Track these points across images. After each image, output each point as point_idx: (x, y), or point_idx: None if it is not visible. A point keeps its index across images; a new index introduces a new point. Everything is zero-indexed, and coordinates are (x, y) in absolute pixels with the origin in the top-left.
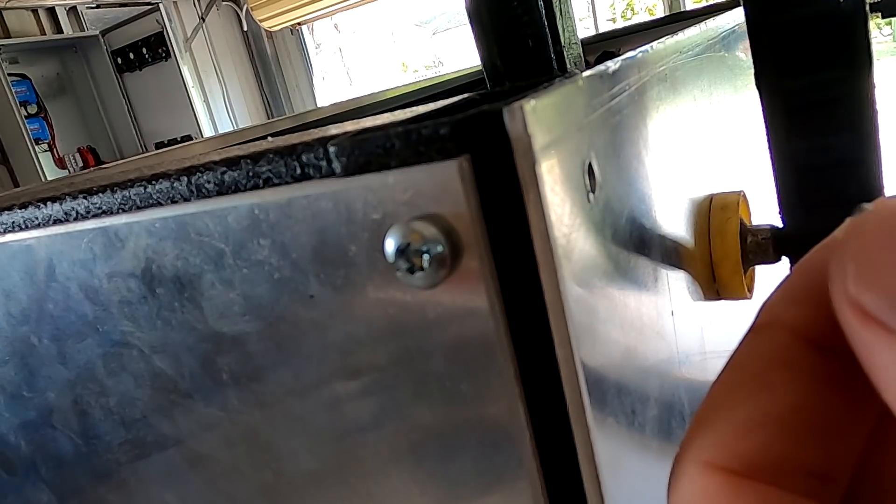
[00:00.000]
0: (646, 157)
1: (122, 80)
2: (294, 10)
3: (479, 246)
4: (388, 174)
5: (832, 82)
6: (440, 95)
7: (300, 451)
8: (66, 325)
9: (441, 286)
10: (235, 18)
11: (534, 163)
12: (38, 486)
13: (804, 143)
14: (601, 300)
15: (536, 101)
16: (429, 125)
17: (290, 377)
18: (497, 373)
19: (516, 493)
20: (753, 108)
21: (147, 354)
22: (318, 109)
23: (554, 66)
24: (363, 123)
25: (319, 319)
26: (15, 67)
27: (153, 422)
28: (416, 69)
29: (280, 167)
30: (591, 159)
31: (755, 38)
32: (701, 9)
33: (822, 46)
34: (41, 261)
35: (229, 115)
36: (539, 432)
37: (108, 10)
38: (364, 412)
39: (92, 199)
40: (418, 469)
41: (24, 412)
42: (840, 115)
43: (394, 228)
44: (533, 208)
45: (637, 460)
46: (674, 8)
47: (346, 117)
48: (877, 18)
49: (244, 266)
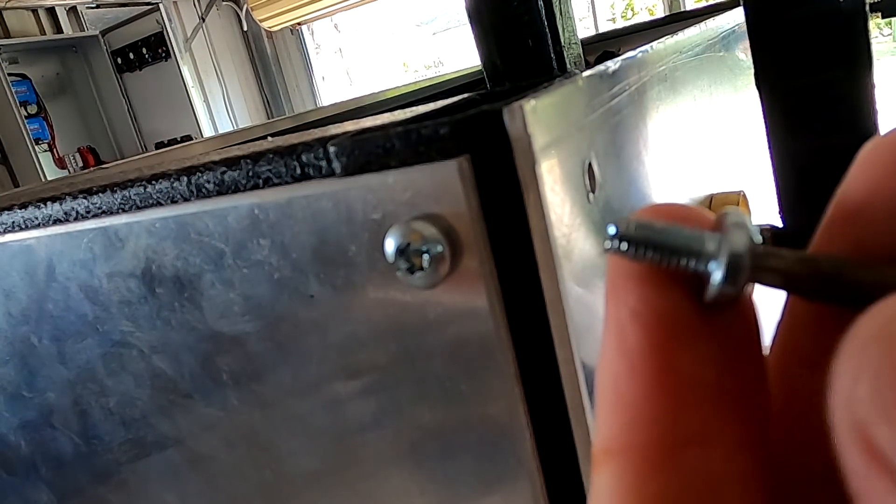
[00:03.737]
0: (646, 157)
1: (122, 80)
2: (294, 10)
3: (479, 246)
4: (388, 174)
5: (832, 82)
6: (440, 95)
7: (300, 451)
8: (66, 325)
9: (441, 286)
10: (235, 18)
11: (534, 163)
12: (38, 486)
13: (804, 143)
14: (601, 300)
15: (536, 101)
16: (429, 125)
17: (290, 377)
18: (497, 373)
19: (516, 493)
20: (753, 108)
21: (147, 354)
22: (318, 109)
23: (554, 66)
24: (363, 123)
25: (319, 319)
26: (15, 67)
27: (153, 422)
28: (416, 69)
29: (280, 167)
30: (591, 159)
31: (755, 38)
32: (701, 9)
33: (822, 46)
34: (41, 261)
35: (229, 115)
36: (539, 432)
37: (108, 10)
38: (364, 412)
39: (92, 199)
40: (418, 469)
41: (24, 412)
42: (840, 115)
43: (394, 228)
44: (533, 208)
45: None
46: (674, 8)
47: (346, 117)
48: (877, 18)
49: (244, 266)
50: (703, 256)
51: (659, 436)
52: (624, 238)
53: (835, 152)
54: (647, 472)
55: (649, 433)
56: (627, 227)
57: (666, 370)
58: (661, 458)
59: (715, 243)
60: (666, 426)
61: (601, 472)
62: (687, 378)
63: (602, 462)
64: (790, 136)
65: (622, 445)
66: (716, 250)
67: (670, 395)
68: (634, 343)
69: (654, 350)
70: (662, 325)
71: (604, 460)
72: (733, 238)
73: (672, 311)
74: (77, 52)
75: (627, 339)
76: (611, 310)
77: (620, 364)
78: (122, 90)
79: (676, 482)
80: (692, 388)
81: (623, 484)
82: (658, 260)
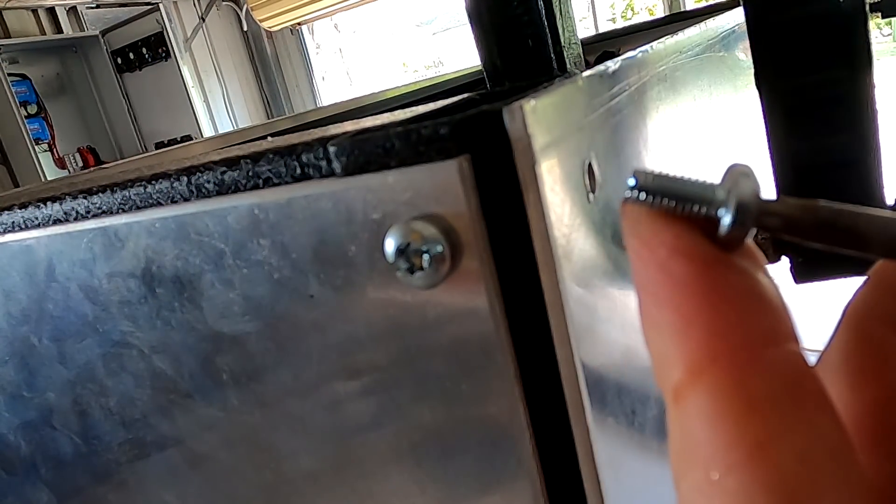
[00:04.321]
0: (646, 157)
1: (122, 80)
2: (294, 10)
3: (479, 246)
4: (388, 174)
5: (832, 82)
6: (440, 95)
7: (300, 451)
8: (66, 326)
9: (441, 286)
10: (235, 18)
11: (534, 163)
12: (38, 486)
13: (804, 143)
14: (601, 300)
15: (536, 101)
16: (429, 125)
17: (290, 377)
18: (497, 373)
19: (516, 493)
20: (753, 108)
21: (147, 354)
22: (318, 109)
23: (554, 66)
24: (363, 123)
25: (319, 319)
26: (15, 67)
27: (153, 422)
28: (416, 69)
29: (280, 167)
30: (591, 159)
31: (755, 38)
32: (701, 9)
33: (822, 46)
34: (41, 261)
35: (229, 115)
36: (539, 432)
37: (108, 10)
38: (364, 412)
39: (92, 199)
40: (418, 469)
41: (24, 412)
42: (840, 115)
43: (394, 228)
44: (533, 208)
45: (637, 460)
46: (674, 8)
47: (346, 117)
48: (877, 18)
49: (244, 266)
50: (714, 203)
51: (742, 339)
52: (643, 188)
53: (835, 152)
54: (744, 374)
55: (732, 340)
56: (646, 178)
57: (722, 285)
58: (752, 357)
59: (724, 191)
60: (745, 330)
61: (693, 392)
62: (742, 289)
63: (691, 383)
64: (790, 136)
65: (710, 358)
66: (725, 197)
67: (734, 305)
68: (683, 273)
69: (703, 273)
70: (701, 253)
71: (692, 380)
72: (741, 186)
73: (703, 243)
74: (77, 52)
75: (674, 272)
76: (645, 255)
77: (677, 294)
78: (122, 90)
79: (771, 378)
80: (749, 296)
81: (724, 389)
82: (673, 207)
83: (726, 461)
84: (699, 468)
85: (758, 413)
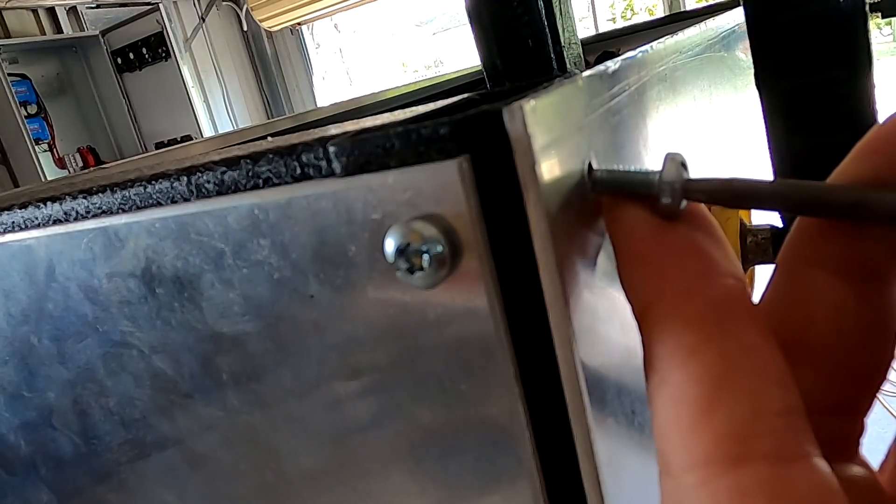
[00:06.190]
0: (646, 157)
1: (122, 80)
2: (294, 10)
3: (479, 246)
4: (388, 174)
5: (832, 82)
6: (440, 95)
7: (300, 452)
8: (66, 325)
9: (441, 286)
10: (235, 18)
11: (534, 163)
12: (38, 486)
13: (804, 143)
14: (601, 300)
15: (536, 101)
16: (429, 125)
17: (289, 377)
18: (497, 373)
19: (516, 493)
20: (753, 108)
21: (147, 354)
22: (318, 109)
23: (554, 66)
24: (363, 123)
25: (319, 319)
26: (15, 67)
27: (153, 422)
28: (416, 69)
29: (280, 167)
30: (591, 159)
31: (755, 38)
32: (701, 9)
33: (822, 46)
34: (41, 261)
35: (229, 115)
36: (539, 432)
37: (108, 10)
38: (364, 412)
39: (92, 199)
40: (418, 469)
41: (24, 412)
42: (840, 115)
43: (394, 228)
44: (533, 208)
45: (637, 460)
46: (674, 8)
47: (346, 117)
48: (877, 18)
49: (244, 266)
50: (654, 185)
51: (679, 278)
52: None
53: (835, 152)
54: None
55: (671, 278)
56: (603, 174)
57: (663, 242)
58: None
59: (657, 176)
60: (682, 271)
61: (645, 322)
62: (681, 243)
63: (645, 313)
64: (790, 136)
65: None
66: (658, 181)
67: (673, 254)
68: (637, 237)
69: (650, 235)
70: (648, 221)
71: (646, 311)
72: (668, 170)
73: (649, 215)
74: (77, 52)
75: (632, 236)
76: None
77: (633, 253)
78: (122, 90)
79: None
80: (686, 247)
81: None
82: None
83: (669, 363)
84: (654, 372)
85: (689, 329)
